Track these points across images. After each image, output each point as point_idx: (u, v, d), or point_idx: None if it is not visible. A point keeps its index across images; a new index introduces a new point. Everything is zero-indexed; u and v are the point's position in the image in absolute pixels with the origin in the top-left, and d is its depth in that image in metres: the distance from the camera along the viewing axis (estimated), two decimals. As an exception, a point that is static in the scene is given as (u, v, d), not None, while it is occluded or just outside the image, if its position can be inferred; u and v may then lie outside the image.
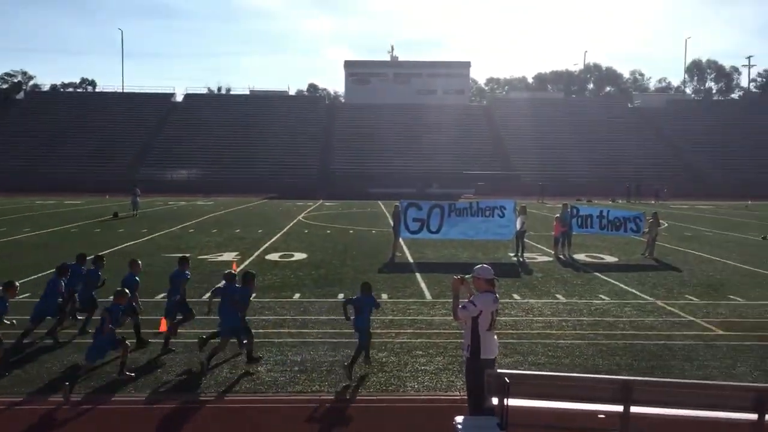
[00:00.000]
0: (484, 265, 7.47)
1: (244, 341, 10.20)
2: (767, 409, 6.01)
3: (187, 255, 12.65)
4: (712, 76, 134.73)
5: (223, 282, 10.83)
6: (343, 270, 18.64)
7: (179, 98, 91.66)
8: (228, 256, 21.16)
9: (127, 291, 10.17)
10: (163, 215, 37.72)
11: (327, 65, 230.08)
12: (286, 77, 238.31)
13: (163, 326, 11.91)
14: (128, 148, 75.97)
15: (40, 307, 11.15)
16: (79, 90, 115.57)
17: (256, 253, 21.98)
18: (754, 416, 6.05)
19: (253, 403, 8.64)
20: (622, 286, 16.53)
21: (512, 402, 6.39)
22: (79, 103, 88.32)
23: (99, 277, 12.34)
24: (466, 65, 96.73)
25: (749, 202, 53.51)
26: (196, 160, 73.55)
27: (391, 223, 23.31)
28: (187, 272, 11.43)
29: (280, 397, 8.86)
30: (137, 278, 11.55)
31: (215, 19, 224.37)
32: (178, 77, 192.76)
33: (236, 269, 18.19)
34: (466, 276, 7.48)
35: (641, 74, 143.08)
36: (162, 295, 14.94)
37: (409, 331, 12.08)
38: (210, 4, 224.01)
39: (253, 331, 10.55)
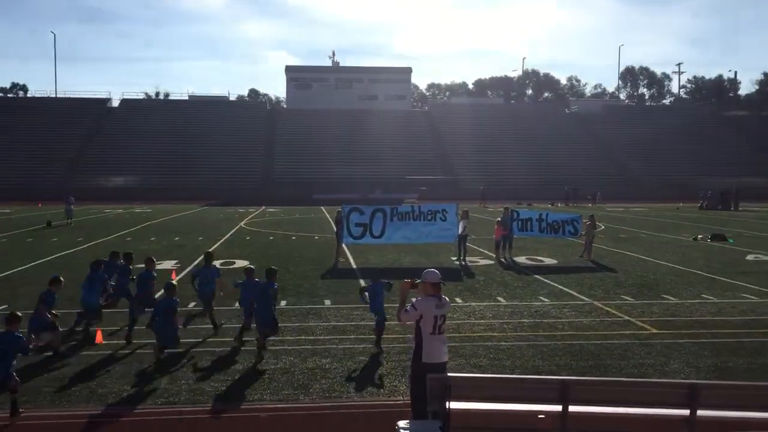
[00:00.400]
0: (431, 270, 7.52)
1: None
2: (699, 405, 6.21)
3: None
4: (645, 82, 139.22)
5: (244, 278, 12.04)
6: (286, 276, 18.44)
7: (115, 103, 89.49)
8: (167, 264, 20.72)
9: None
10: (98, 224, 36.70)
11: (268, 71, 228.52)
12: (227, 82, 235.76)
13: (99, 338, 11.60)
14: (62, 154, 73.66)
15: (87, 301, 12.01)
16: (9, 95, 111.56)
17: (197, 261, 21.57)
18: (686, 412, 6.23)
19: (193, 414, 8.45)
20: (561, 287, 16.87)
21: (455, 405, 6.44)
22: (10, 108, 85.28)
23: (130, 271, 13.94)
24: (408, 71, 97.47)
25: (681, 205, 55.42)
26: (133, 166, 71.84)
27: (334, 228, 23.23)
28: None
29: (222, 407, 8.70)
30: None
31: (152, 23, 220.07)
32: (114, 82, 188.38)
33: (175, 278, 17.92)
34: (417, 280, 7.50)
35: (578, 80, 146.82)
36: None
37: (352, 336, 12.05)
38: (147, 8, 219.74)
39: (194, 340, 10.38)
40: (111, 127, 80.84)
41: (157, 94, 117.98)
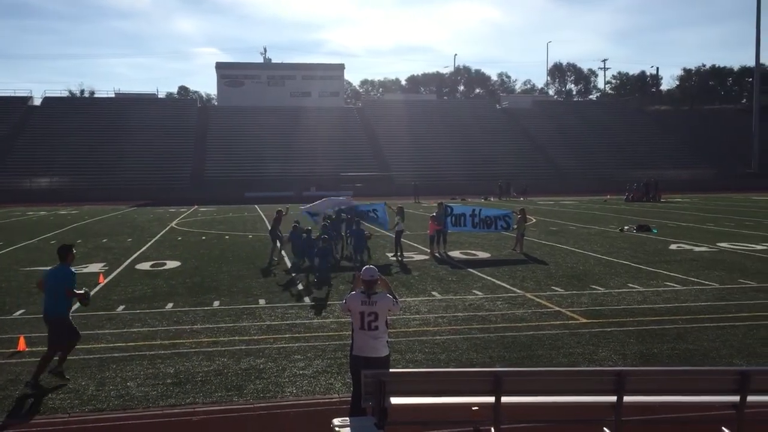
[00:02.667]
0: (368, 266, 7.60)
1: None
2: (625, 391, 6.40)
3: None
4: (572, 78, 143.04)
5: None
6: (219, 276, 18.17)
7: (37, 102, 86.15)
8: (94, 267, 20.08)
9: None
10: (21, 227, 35.28)
11: (198, 68, 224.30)
12: (155, 80, 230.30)
13: (22, 345, 11.14)
14: (-20, 155, 70.52)
15: None
16: None
17: (126, 263, 21.00)
18: (613, 398, 6.41)
19: (122, 420, 8.20)
20: (494, 280, 17.14)
21: (391, 400, 6.45)
22: None
23: None
24: (340, 68, 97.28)
25: (608, 197, 57.14)
26: (57, 167, 69.36)
27: (268, 227, 22.98)
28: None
29: (151, 412, 8.47)
30: None
31: (75, 19, 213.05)
32: (36, 80, 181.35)
33: (103, 281, 17.40)
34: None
35: (508, 76, 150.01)
36: (20, 311, 13.99)
37: (287, 335, 11.93)
38: (68, 4, 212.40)
39: (122, 344, 10.05)
40: (33, 127, 77.80)
41: (82, 92, 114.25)
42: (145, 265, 20.47)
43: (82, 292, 9.97)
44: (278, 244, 21.53)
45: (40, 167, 69.02)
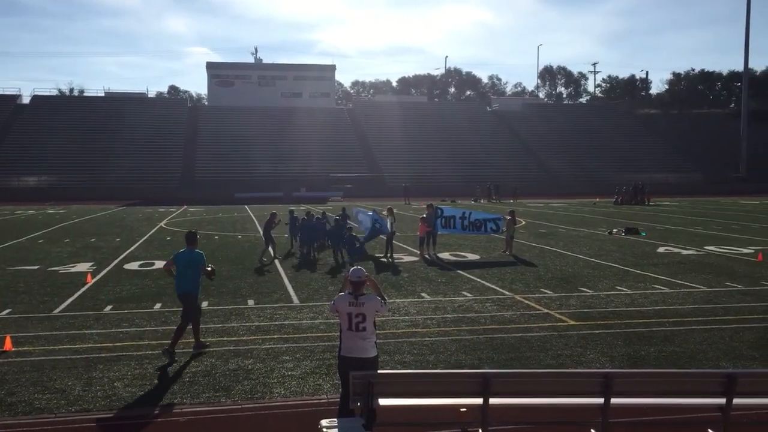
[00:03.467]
0: (356, 267, 7.59)
1: None
2: (613, 393, 6.42)
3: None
4: (562, 81, 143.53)
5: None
6: (207, 277, 18.09)
7: (26, 100, 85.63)
8: (82, 267, 19.97)
9: None
10: (9, 225, 35.04)
11: (189, 67, 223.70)
12: (145, 79, 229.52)
13: (8, 345, 11.07)
14: (-32, 153, 70.02)
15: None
16: None
17: (114, 263, 20.90)
18: (600, 400, 6.44)
19: (109, 421, 8.16)
20: (483, 282, 17.16)
21: (380, 401, 6.45)
22: None
23: None
24: (332, 68, 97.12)
25: (597, 200, 57.37)
26: (46, 166, 68.96)
27: (259, 229, 22.95)
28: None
29: (139, 412, 8.43)
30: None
31: (65, 16, 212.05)
32: (25, 78, 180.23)
33: (90, 280, 17.32)
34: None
35: (498, 79, 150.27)
36: (7, 311, 13.89)
37: (275, 336, 11.90)
38: (59, 1, 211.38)
39: (109, 345, 10.00)
40: (22, 125, 77.32)
41: (71, 90, 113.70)
42: (133, 265, 20.37)
43: (210, 269, 11.28)
44: (270, 247, 21.56)
45: (29, 166, 68.59)
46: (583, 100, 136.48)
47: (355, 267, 7.61)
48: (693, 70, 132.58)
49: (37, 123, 77.52)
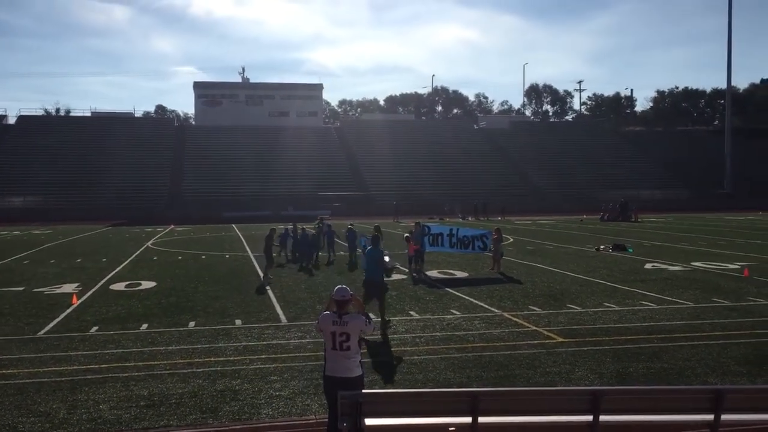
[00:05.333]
0: (340, 286, 7.53)
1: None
2: (601, 410, 6.41)
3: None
4: (548, 99, 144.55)
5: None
6: (195, 296, 18.00)
7: (11, 121, 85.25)
8: (67, 288, 19.79)
9: None
10: (-7, 246, 34.71)
11: (176, 87, 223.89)
12: (132, 99, 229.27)
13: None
14: (-47, 174, 69.47)
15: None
16: None
17: (100, 283, 20.73)
18: (589, 417, 6.42)
19: (94, 445, 8.05)
20: (472, 300, 17.15)
21: (367, 421, 6.40)
22: None
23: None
24: (319, 87, 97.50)
25: (584, 217, 57.62)
26: (32, 186, 68.58)
27: (249, 251, 22.86)
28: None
29: (124, 435, 8.32)
30: None
31: (51, 37, 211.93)
32: (10, 98, 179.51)
33: (76, 302, 17.16)
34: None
35: (485, 97, 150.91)
36: (-10, 333, 13.72)
37: (263, 356, 11.82)
38: (44, 22, 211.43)
39: (94, 366, 9.89)
40: (7, 145, 76.93)
41: (58, 110, 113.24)
42: (119, 286, 20.22)
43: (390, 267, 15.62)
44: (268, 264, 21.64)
45: (15, 186, 68.19)
46: (569, 117, 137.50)
47: (339, 286, 7.56)
48: (677, 87, 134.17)
49: (24, 143, 77.19)
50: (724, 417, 6.52)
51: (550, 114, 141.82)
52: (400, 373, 10.73)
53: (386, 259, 23.82)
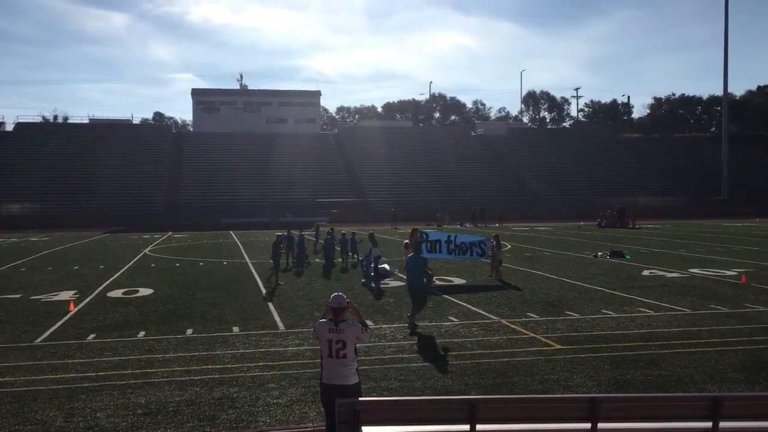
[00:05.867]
0: (336, 294, 7.54)
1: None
2: (599, 418, 6.40)
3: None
4: (546, 106, 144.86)
5: None
6: (192, 304, 17.97)
7: (9, 127, 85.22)
8: (65, 295, 19.75)
9: None
10: (-10, 253, 34.65)
11: (174, 93, 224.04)
12: (130, 106, 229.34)
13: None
14: (-50, 181, 69.35)
15: None
16: None
17: (97, 291, 20.70)
18: (587, 425, 6.41)
19: (91, 453, 8.02)
20: (469, 307, 17.14)
21: (365, 429, 6.38)
22: None
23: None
24: (316, 94, 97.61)
25: (582, 224, 57.68)
26: (30, 193, 68.53)
27: (246, 255, 22.87)
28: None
29: (121, 443, 8.30)
30: None
31: (49, 44, 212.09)
32: (8, 105, 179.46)
33: (73, 309, 17.12)
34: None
35: (483, 104, 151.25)
36: (-13, 341, 13.68)
37: (261, 363, 11.80)
38: (41, 29, 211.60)
39: (91, 374, 9.86)
40: (5, 152, 76.86)
41: (55, 117, 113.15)
42: (117, 293, 20.19)
43: (430, 272, 16.51)
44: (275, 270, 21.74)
45: (12, 193, 68.12)
46: (567, 124, 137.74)
47: (335, 294, 7.56)
48: (674, 94, 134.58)
49: (21, 150, 77.15)
50: (722, 424, 6.51)
51: (548, 121, 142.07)
52: (397, 380, 10.72)
53: (386, 267, 23.92)
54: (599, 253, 29.97)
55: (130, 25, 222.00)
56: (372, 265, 22.21)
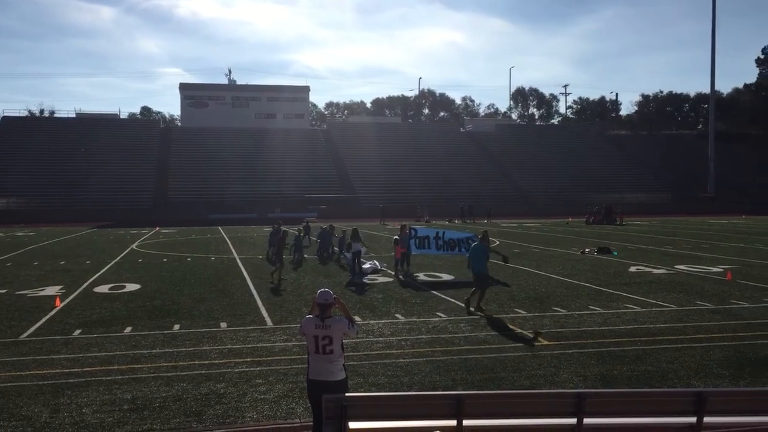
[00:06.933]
0: (322, 290, 7.51)
1: None
2: (585, 413, 6.43)
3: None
4: (534, 102, 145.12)
5: None
6: (180, 299, 17.90)
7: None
8: (51, 290, 19.62)
9: None
10: (-24, 248, 34.36)
11: (162, 88, 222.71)
12: (117, 100, 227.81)
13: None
14: (-66, 175, 68.69)
15: None
16: None
17: (84, 286, 20.57)
18: (573, 420, 6.44)
19: (76, 449, 7.97)
20: (458, 303, 17.17)
21: (352, 425, 6.38)
22: None
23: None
24: (306, 90, 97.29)
25: (570, 220, 57.91)
26: (16, 187, 67.98)
27: (232, 250, 22.79)
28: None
29: (107, 439, 8.26)
30: None
31: (35, 37, 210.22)
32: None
33: (60, 304, 17.02)
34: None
35: (472, 100, 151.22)
36: (-28, 336, 13.57)
37: (248, 359, 11.77)
38: (27, 22, 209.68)
39: (77, 370, 9.80)
40: (-10, 146, 76.14)
41: (42, 111, 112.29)
42: (103, 288, 20.07)
43: (502, 256, 18.22)
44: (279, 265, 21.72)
45: (-3, 188, 67.53)
46: (555, 121, 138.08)
47: (322, 289, 7.54)
48: (661, 92, 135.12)
49: (7, 144, 76.50)
50: (707, 419, 6.55)
51: (536, 117, 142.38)
52: (385, 375, 10.73)
53: (376, 264, 23.94)
54: (587, 250, 30.10)
55: (118, 18, 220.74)
56: (355, 260, 22.27)
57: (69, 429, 8.52)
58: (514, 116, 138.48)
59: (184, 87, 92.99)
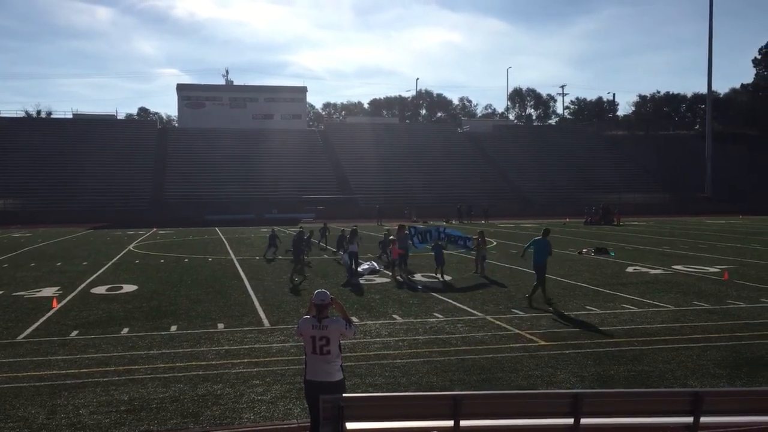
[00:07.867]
0: (319, 290, 7.50)
1: None
2: (582, 413, 6.44)
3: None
4: (532, 103, 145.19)
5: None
6: (177, 300, 17.88)
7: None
8: (48, 291, 19.59)
9: None
10: (-28, 249, 34.29)
11: (159, 89, 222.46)
12: (115, 101, 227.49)
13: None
14: (-69, 176, 68.54)
15: None
16: None
17: (81, 287, 20.54)
18: (570, 420, 6.45)
19: (73, 451, 7.96)
20: (455, 303, 17.18)
21: (349, 425, 6.38)
22: None
23: None
24: (303, 90, 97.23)
25: (567, 220, 57.95)
26: (12, 188, 67.84)
27: (229, 251, 22.77)
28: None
29: (104, 441, 8.24)
30: None
31: (32, 37, 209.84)
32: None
33: (57, 305, 16.99)
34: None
35: (469, 101, 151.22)
36: (-32, 338, 13.55)
37: (246, 360, 11.77)
38: (24, 22, 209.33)
39: (74, 371, 9.79)
40: (-13, 147, 75.97)
41: (39, 112, 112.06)
42: (100, 289, 20.05)
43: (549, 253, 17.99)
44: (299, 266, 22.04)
45: (-6, 189, 67.39)
46: (552, 121, 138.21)
47: (319, 290, 7.52)
48: (658, 92, 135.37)
49: (4, 145, 76.34)
50: (704, 419, 6.57)
51: (534, 118, 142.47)
52: (382, 376, 10.73)
53: (365, 266, 23.96)
54: (584, 250, 30.13)
55: (115, 19, 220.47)
56: (351, 261, 22.31)
57: (66, 430, 8.50)
58: (511, 117, 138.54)
59: (181, 88, 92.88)
